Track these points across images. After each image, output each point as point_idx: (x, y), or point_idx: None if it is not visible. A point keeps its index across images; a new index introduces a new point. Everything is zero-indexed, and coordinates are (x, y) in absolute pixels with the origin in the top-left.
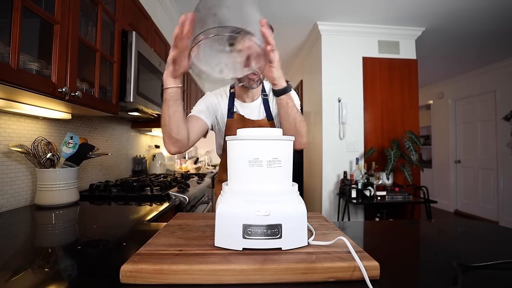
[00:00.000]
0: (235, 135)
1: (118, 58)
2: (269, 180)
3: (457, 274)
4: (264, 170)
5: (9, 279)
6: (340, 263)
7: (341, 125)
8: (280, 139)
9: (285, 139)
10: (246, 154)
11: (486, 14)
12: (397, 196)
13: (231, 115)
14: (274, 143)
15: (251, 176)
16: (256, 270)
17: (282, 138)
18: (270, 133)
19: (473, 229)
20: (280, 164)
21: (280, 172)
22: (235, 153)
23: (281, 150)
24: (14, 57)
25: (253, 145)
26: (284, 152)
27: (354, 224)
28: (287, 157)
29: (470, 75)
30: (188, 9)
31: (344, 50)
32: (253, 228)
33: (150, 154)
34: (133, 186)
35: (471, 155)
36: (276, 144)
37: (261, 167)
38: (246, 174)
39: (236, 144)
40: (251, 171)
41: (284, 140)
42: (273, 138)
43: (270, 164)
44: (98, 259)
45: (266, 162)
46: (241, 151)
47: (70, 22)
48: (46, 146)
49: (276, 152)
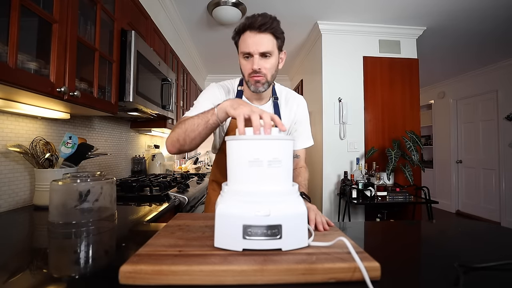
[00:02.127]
0: (234, 135)
1: (117, 58)
2: (270, 180)
3: (458, 275)
4: (264, 170)
5: (7, 280)
6: (341, 264)
7: (342, 125)
8: (281, 139)
9: (286, 139)
10: (246, 154)
11: (487, 13)
12: (398, 197)
13: None
14: (275, 143)
15: (252, 176)
16: (256, 270)
17: (283, 138)
18: (271, 133)
19: (474, 229)
20: (280, 164)
21: (281, 172)
22: (234, 153)
23: (281, 150)
24: (12, 56)
25: (254, 145)
26: (285, 152)
27: (355, 225)
28: (288, 157)
29: (472, 75)
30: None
31: (344, 49)
32: (253, 228)
33: (149, 154)
34: (132, 187)
35: (472, 155)
36: (276, 144)
37: (261, 167)
38: (246, 174)
39: (236, 143)
40: (251, 171)
41: (285, 140)
42: (274, 138)
43: (270, 164)
44: (97, 259)
45: (267, 162)
46: (241, 151)
47: (68, 21)
48: (44, 146)
49: (276, 152)
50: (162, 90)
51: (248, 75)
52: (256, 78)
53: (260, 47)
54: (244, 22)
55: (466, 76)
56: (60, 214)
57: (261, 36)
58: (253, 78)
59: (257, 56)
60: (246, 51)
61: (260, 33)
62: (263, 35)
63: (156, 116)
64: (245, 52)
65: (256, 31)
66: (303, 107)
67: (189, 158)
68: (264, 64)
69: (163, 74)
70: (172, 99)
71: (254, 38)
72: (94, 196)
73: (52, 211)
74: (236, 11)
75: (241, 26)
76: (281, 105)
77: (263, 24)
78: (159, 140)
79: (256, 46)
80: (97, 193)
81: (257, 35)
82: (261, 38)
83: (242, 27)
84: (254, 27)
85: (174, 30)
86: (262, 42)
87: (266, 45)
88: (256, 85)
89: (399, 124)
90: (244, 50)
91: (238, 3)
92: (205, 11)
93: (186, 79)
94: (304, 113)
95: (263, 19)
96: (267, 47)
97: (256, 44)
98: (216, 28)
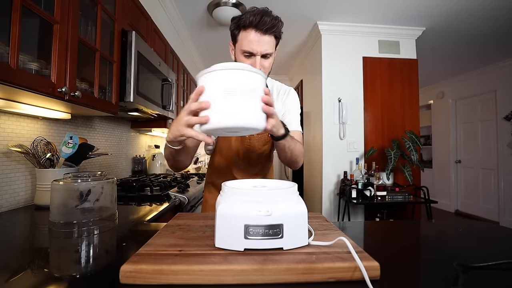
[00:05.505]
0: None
1: (118, 58)
2: (244, 112)
3: (457, 275)
4: (240, 100)
5: (8, 279)
6: (341, 263)
7: (341, 125)
8: (252, 70)
9: (257, 72)
10: (220, 85)
11: (486, 13)
12: (397, 196)
13: None
14: (248, 73)
15: (227, 106)
16: (256, 270)
17: (255, 70)
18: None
19: (473, 229)
20: (251, 95)
21: (253, 105)
22: (210, 86)
23: (256, 81)
24: (13, 57)
25: (227, 75)
26: (256, 84)
27: (354, 224)
28: (259, 90)
29: (471, 75)
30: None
31: (344, 50)
32: (255, 228)
33: (150, 154)
34: (132, 186)
35: (471, 155)
36: (251, 77)
37: (235, 96)
38: (221, 104)
39: (209, 76)
40: (228, 101)
41: (256, 73)
42: (247, 69)
43: (244, 95)
44: (97, 259)
45: (240, 92)
46: (216, 81)
47: (69, 22)
48: (45, 146)
49: (252, 83)
50: (163, 90)
51: None
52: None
53: (264, 48)
54: (251, 19)
55: (465, 76)
56: (61, 213)
57: (265, 38)
58: None
59: (259, 57)
60: (249, 51)
61: (265, 34)
62: (267, 36)
63: (156, 116)
64: (248, 51)
65: (262, 33)
66: (292, 97)
67: None
68: (264, 64)
69: (164, 74)
70: (172, 99)
71: (259, 39)
72: (94, 196)
73: (53, 211)
74: (236, 12)
75: (246, 22)
76: (274, 100)
77: (271, 27)
78: (159, 140)
79: (261, 47)
80: (97, 193)
81: (262, 36)
82: (265, 39)
83: (247, 23)
84: (261, 28)
85: (175, 31)
86: (266, 43)
87: (269, 46)
88: None
89: (399, 124)
90: (247, 49)
91: (238, 3)
92: (205, 12)
93: (186, 79)
94: (292, 101)
95: (272, 21)
96: (270, 49)
97: (261, 46)
98: (216, 28)
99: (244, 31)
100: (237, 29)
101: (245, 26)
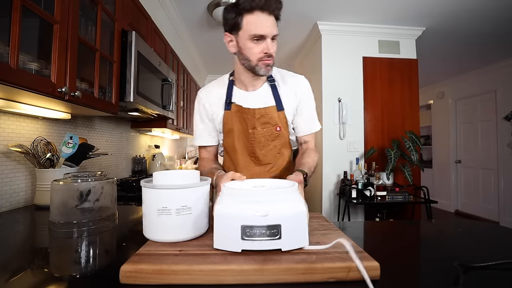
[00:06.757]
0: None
1: (118, 58)
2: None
3: (458, 274)
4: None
5: (8, 279)
6: (340, 263)
7: (341, 125)
8: (189, 187)
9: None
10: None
11: (486, 14)
12: (397, 196)
13: (228, 107)
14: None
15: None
16: (256, 270)
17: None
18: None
19: (473, 229)
20: (190, 211)
21: (191, 218)
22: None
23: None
24: (13, 57)
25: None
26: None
27: (354, 224)
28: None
29: (471, 75)
30: (188, 9)
31: (344, 50)
32: (252, 229)
33: (150, 154)
34: (132, 186)
35: (471, 155)
36: (184, 192)
37: (170, 215)
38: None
39: (148, 191)
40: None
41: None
42: (182, 187)
43: (179, 212)
44: (97, 259)
45: (175, 210)
46: (152, 201)
47: (69, 22)
48: (45, 146)
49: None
50: (163, 90)
51: (258, 59)
52: (267, 62)
53: (273, 29)
54: (256, 1)
55: (465, 76)
56: (61, 213)
57: (272, 18)
58: (265, 62)
59: (269, 39)
60: (259, 34)
61: (271, 15)
62: (272, 17)
63: (156, 116)
64: (258, 34)
65: (268, 13)
66: (305, 86)
67: (189, 158)
68: (274, 47)
69: (164, 74)
70: (172, 99)
71: (267, 20)
72: (94, 196)
73: (53, 211)
74: None
75: (251, 4)
76: (279, 85)
77: (277, 7)
78: (159, 140)
79: (270, 28)
80: (97, 193)
81: (269, 17)
82: (272, 20)
83: (253, 5)
84: (268, 9)
85: (175, 31)
86: (274, 24)
87: (276, 27)
88: (267, 69)
89: (399, 124)
90: (257, 33)
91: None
92: (205, 12)
93: (186, 79)
94: (306, 92)
95: (277, 0)
96: (277, 30)
97: (270, 27)
98: (216, 28)
99: (250, 14)
100: (239, 14)
101: (251, 9)
